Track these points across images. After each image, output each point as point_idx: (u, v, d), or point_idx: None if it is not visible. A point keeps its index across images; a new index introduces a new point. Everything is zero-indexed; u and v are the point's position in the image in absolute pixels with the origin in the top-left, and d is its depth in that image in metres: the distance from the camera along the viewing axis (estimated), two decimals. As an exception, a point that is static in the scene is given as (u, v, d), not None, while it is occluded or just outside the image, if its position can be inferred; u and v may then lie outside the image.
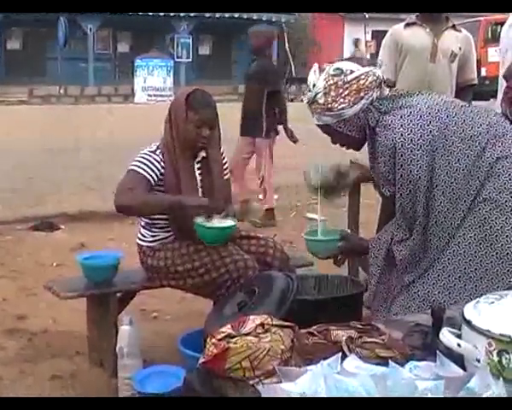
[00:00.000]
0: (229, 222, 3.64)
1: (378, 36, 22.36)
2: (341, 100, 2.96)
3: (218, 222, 3.62)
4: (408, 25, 4.85)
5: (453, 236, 2.90)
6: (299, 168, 9.19)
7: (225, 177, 3.93)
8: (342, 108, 2.97)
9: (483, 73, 19.52)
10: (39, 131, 13.69)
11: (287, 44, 28.11)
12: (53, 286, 3.88)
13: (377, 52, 5.18)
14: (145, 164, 3.67)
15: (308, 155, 8.43)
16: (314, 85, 3.01)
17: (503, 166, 2.86)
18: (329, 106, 2.98)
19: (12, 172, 9.60)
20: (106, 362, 3.76)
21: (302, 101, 3.17)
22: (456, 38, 4.83)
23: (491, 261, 2.85)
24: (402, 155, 2.88)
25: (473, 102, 4.93)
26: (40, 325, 4.47)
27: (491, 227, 2.84)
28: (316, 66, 3.08)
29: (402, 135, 2.88)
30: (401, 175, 2.90)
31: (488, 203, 2.85)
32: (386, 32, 5.11)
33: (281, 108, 7.23)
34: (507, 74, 5.40)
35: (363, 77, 2.98)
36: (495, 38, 22.10)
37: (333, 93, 2.97)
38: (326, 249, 3.35)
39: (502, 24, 6.44)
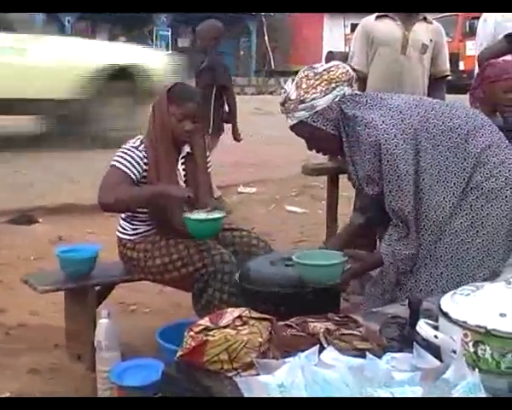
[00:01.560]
0: (217, 214, 3.62)
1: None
2: (313, 90, 2.98)
3: (206, 215, 3.61)
4: (379, 17, 4.84)
5: (444, 230, 2.92)
6: (280, 165, 9.25)
7: (208, 170, 3.93)
8: (314, 98, 2.98)
9: (461, 66, 19.64)
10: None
11: (266, 37, 28.09)
12: (30, 279, 3.86)
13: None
14: (127, 160, 3.65)
15: (287, 152, 8.44)
16: (286, 90, 3.07)
17: (487, 156, 2.91)
18: (301, 98, 2.99)
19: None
20: (84, 355, 3.75)
21: (281, 94, 3.17)
22: (427, 29, 4.83)
23: (477, 248, 2.89)
24: (387, 151, 2.88)
25: (450, 96, 4.98)
26: (18, 319, 4.44)
27: (477, 214, 2.89)
28: (291, 78, 3.12)
29: (385, 131, 2.89)
30: (388, 172, 2.90)
31: (475, 191, 2.90)
32: (364, 25, 5.10)
33: (230, 105, 7.13)
34: (479, 59, 5.44)
35: (333, 69, 3.02)
36: (473, 32, 22.22)
37: (304, 85, 3.00)
38: (330, 276, 2.93)
39: (479, 18, 6.48)
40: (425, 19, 4.82)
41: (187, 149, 3.78)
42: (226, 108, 7.14)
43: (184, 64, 10.71)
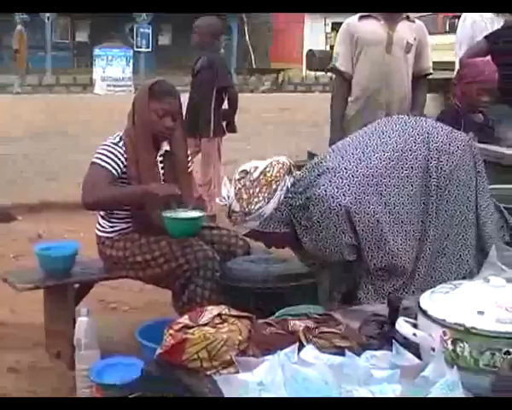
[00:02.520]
0: (196, 213, 3.62)
1: (338, 28, 22.41)
2: (255, 200, 2.88)
3: (185, 214, 3.61)
4: (362, 17, 4.85)
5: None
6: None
7: (189, 170, 3.92)
8: (260, 207, 2.88)
9: (441, 65, 19.72)
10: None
11: (247, 35, 28.09)
12: (9, 277, 3.84)
13: (336, 44, 5.17)
14: (108, 157, 3.65)
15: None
16: (229, 198, 2.93)
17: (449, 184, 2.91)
18: (246, 210, 2.89)
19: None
20: (64, 354, 3.74)
21: (263, 92, 3.15)
22: (411, 28, 4.84)
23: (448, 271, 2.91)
24: (356, 213, 2.82)
25: (429, 95, 5.01)
26: (-3, 317, 4.43)
27: (446, 238, 2.92)
28: (225, 179, 3.00)
29: (344, 195, 2.82)
30: (363, 230, 2.84)
31: (442, 218, 2.91)
32: (345, 24, 5.11)
33: (232, 105, 6.68)
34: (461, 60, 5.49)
35: (268, 169, 2.91)
36: (453, 31, 22.36)
37: (245, 196, 2.88)
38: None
39: (459, 17, 6.54)
40: (408, 18, 4.84)
41: (165, 146, 3.78)
42: (225, 105, 6.76)
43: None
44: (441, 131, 2.99)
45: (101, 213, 3.82)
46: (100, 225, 3.83)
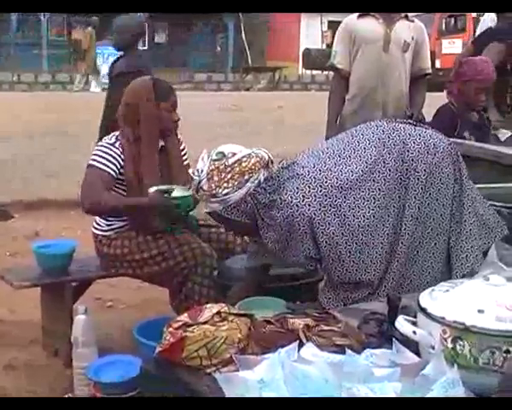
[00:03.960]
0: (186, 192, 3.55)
1: (334, 26, 22.44)
2: (225, 185, 2.86)
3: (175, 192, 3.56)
4: (361, 15, 4.85)
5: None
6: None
7: (184, 163, 3.92)
8: (227, 194, 2.87)
9: (437, 64, 19.75)
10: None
11: (243, 33, 28.07)
12: (6, 275, 3.83)
13: (333, 42, 5.17)
14: (105, 158, 3.65)
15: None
16: (201, 172, 2.92)
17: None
18: (213, 192, 2.88)
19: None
20: (61, 352, 3.74)
21: (259, 90, 3.13)
22: (409, 27, 4.83)
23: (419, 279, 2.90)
24: (320, 224, 2.82)
25: (426, 94, 5.01)
26: (-6, 315, 4.42)
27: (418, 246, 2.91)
28: (204, 152, 2.97)
29: (309, 205, 2.83)
30: (324, 243, 2.83)
31: (414, 226, 2.90)
32: (341, 22, 5.11)
33: None
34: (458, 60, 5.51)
35: (245, 159, 2.89)
36: (449, 31, 22.41)
37: (216, 178, 2.87)
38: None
39: (455, 17, 6.57)
40: (406, 17, 4.83)
41: (160, 142, 3.79)
42: None
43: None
44: (418, 140, 2.95)
45: (99, 211, 3.82)
46: (97, 223, 3.82)
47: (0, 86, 22.57)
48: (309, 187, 2.85)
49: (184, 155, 3.95)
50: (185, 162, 3.93)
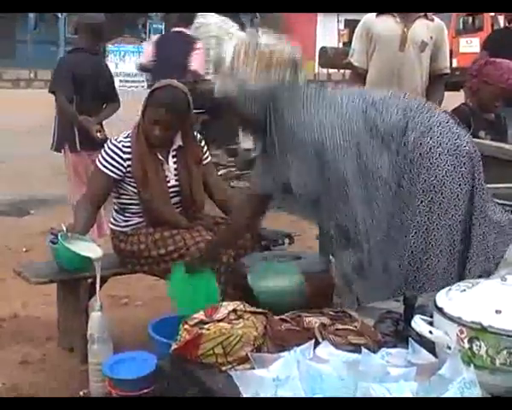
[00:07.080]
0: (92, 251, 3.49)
1: (350, 25, 22.40)
2: (248, 69, 2.73)
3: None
4: (379, 14, 4.84)
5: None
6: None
7: (204, 162, 3.91)
8: (245, 78, 2.75)
9: (454, 63, 19.67)
10: (9, 114, 13.53)
11: (259, 32, 28.06)
12: (23, 271, 3.84)
13: (350, 41, 5.17)
14: (108, 161, 3.72)
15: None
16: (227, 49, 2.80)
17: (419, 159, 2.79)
18: (233, 71, 2.75)
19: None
20: (76, 348, 3.75)
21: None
22: (428, 27, 4.81)
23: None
24: (331, 153, 2.72)
25: (445, 93, 4.99)
26: (10, 311, 4.44)
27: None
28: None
29: (332, 133, 2.73)
30: (329, 178, 2.75)
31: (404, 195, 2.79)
32: (358, 20, 5.10)
33: (105, 116, 5.65)
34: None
35: (279, 48, 2.80)
36: (466, 29, 22.30)
37: (242, 57, 2.74)
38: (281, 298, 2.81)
39: (472, 15, 6.53)
40: (426, 16, 4.81)
41: (179, 141, 3.79)
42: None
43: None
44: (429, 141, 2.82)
45: (115, 207, 3.84)
46: (114, 219, 3.84)
47: (17, 84, 22.68)
48: (338, 117, 2.73)
49: (204, 154, 3.94)
50: (205, 161, 3.92)
